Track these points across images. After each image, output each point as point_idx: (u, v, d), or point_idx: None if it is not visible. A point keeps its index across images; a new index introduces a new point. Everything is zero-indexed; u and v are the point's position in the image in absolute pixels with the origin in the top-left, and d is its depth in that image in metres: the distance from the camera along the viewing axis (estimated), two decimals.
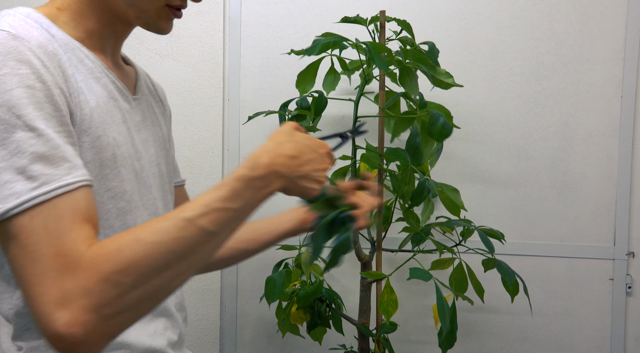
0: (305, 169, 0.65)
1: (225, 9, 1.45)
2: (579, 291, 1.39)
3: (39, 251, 0.50)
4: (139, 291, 0.51)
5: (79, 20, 0.67)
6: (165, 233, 0.52)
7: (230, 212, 0.57)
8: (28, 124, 0.52)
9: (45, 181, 0.51)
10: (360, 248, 1.18)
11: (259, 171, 0.60)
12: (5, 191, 0.51)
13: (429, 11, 1.39)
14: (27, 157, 0.51)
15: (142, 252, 0.51)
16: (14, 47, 0.54)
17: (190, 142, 1.46)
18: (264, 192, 0.61)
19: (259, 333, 1.49)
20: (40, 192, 0.51)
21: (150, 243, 0.51)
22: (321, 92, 1.17)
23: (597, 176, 1.37)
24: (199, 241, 0.54)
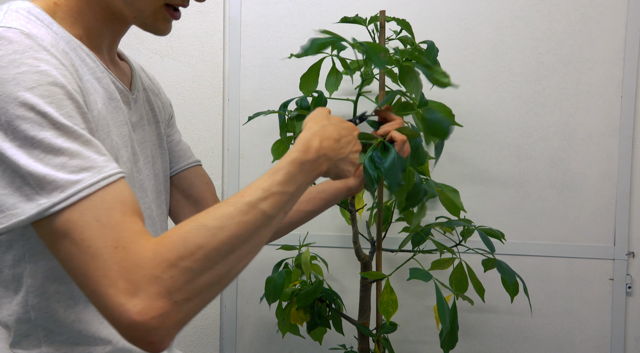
0: (345, 151, 0.70)
1: (225, 9, 1.45)
2: (579, 291, 1.39)
3: (97, 245, 0.48)
4: (206, 276, 0.51)
5: (75, 17, 0.65)
6: (229, 218, 0.53)
7: (287, 195, 0.59)
8: (54, 121, 0.51)
9: (87, 174, 0.50)
10: (360, 248, 1.18)
11: (311, 154, 0.64)
12: (46, 185, 0.49)
13: (429, 11, 1.39)
14: (64, 153, 0.50)
15: (208, 237, 0.51)
16: (29, 45, 0.53)
17: (190, 142, 1.46)
18: (314, 174, 0.65)
19: (259, 333, 1.49)
20: (86, 185, 0.50)
21: (215, 228, 0.52)
22: (321, 92, 1.17)
23: (597, 176, 1.37)
24: (260, 224, 0.55)
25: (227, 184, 1.47)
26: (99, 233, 0.49)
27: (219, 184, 1.47)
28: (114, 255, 0.48)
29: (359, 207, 1.23)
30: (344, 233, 1.43)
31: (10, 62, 0.51)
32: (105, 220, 0.50)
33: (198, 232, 0.51)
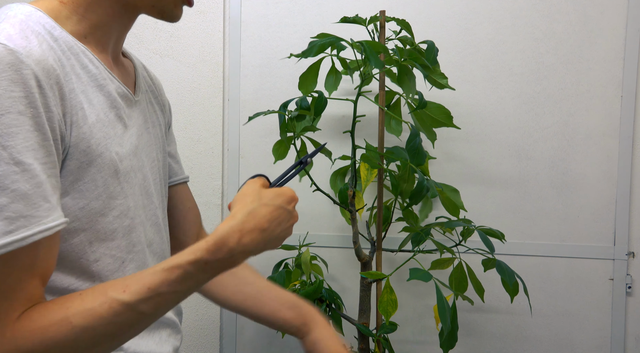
0: (275, 233, 0.61)
1: (225, 9, 1.45)
2: (579, 291, 1.39)
3: None
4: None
5: (83, 13, 0.63)
6: (98, 318, 0.50)
7: (179, 294, 0.54)
8: (14, 156, 0.48)
9: (23, 224, 0.48)
10: (360, 248, 1.18)
11: (222, 254, 0.55)
12: None
13: (428, 11, 1.39)
14: (8, 195, 0.47)
15: (69, 335, 0.49)
16: (10, 64, 0.49)
17: (190, 142, 1.46)
18: (223, 270, 0.56)
19: (259, 333, 1.49)
20: (16, 238, 0.47)
21: (79, 328, 0.49)
22: (321, 92, 1.17)
23: (597, 176, 1.37)
24: (134, 323, 0.52)
25: (227, 184, 1.47)
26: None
27: (219, 184, 1.47)
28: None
29: (359, 207, 1.23)
30: (344, 233, 1.43)
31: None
32: (6, 285, 0.48)
33: (60, 327, 0.49)
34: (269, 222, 0.60)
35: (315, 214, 1.44)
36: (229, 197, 1.47)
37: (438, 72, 1.12)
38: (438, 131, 1.21)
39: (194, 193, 1.49)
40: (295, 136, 1.17)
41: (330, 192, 1.31)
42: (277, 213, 0.61)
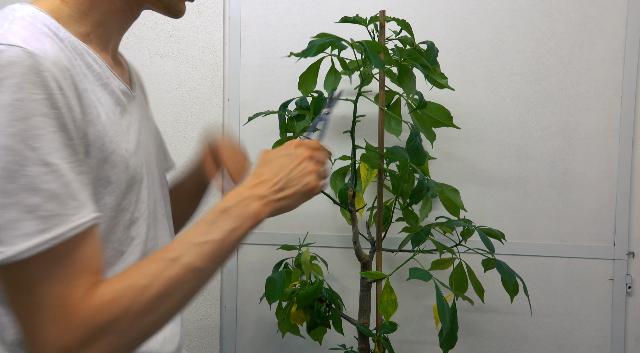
0: (283, 176, 0.66)
1: (225, 9, 1.45)
2: (579, 291, 1.39)
3: (45, 301, 0.50)
4: (133, 333, 0.53)
5: (85, 11, 0.63)
6: (155, 276, 0.54)
7: (212, 244, 0.58)
8: (42, 157, 0.49)
9: (56, 223, 0.50)
10: (360, 248, 1.18)
11: (234, 199, 0.63)
12: (11, 231, 0.48)
13: (428, 11, 1.39)
14: (40, 195, 0.49)
15: (136, 297, 0.53)
16: (30, 67, 0.50)
17: (191, 142, 1.46)
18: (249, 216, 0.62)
19: (259, 333, 1.49)
20: (52, 236, 0.49)
21: (142, 288, 0.53)
22: (321, 92, 1.17)
23: (597, 176, 1.37)
24: (187, 278, 0.56)
25: (227, 184, 1.47)
26: (49, 290, 0.50)
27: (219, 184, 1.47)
28: (57, 313, 0.50)
29: (359, 207, 1.23)
30: (344, 233, 1.43)
31: (9, 86, 0.48)
32: (62, 277, 0.50)
33: (128, 292, 0.53)
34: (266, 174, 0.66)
35: (315, 214, 1.44)
36: None
37: (438, 72, 1.12)
38: (438, 131, 1.21)
39: None
40: (295, 136, 1.17)
41: (330, 192, 1.31)
42: (276, 164, 0.68)
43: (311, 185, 0.68)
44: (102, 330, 0.51)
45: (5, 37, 0.50)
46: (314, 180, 0.69)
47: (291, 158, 0.69)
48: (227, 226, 0.60)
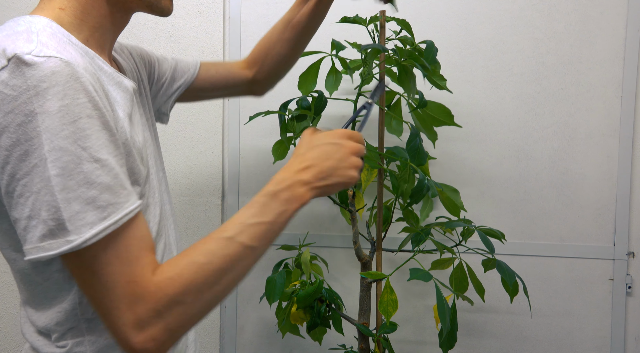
0: (329, 165, 0.70)
1: (225, 9, 1.45)
2: (579, 291, 1.39)
3: (114, 280, 0.56)
4: (197, 305, 0.59)
5: (81, 17, 0.66)
6: (213, 254, 0.60)
7: (265, 225, 0.64)
8: (93, 155, 0.55)
9: (113, 210, 0.56)
10: (360, 248, 1.18)
11: (283, 184, 0.67)
12: (77, 222, 0.54)
13: (428, 11, 1.39)
14: (96, 188, 0.55)
15: (198, 273, 0.59)
16: (70, 75, 0.55)
17: (190, 142, 1.46)
18: (296, 200, 0.67)
19: (259, 333, 1.49)
20: (111, 222, 0.56)
21: (204, 264, 0.59)
22: (321, 92, 1.17)
23: (597, 176, 1.37)
24: (242, 256, 0.62)
25: (227, 184, 1.47)
26: (116, 269, 0.56)
27: (219, 184, 1.47)
28: (126, 289, 0.56)
29: (359, 207, 1.23)
30: (344, 233, 1.43)
31: (55, 95, 0.53)
32: (124, 257, 0.57)
33: (190, 268, 0.59)
34: (315, 158, 0.70)
35: (315, 214, 1.44)
36: (228, 197, 1.47)
37: (437, 73, 1.12)
38: (438, 131, 1.20)
39: (194, 193, 1.50)
40: (295, 136, 1.17)
41: None
42: (324, 149, 0.71)
43: (352, 178, 0.72)
44: (170, 302, 0.57)
45: (41, 50, 0.54)
46: (356, 173, 0.72)
47: (339, 148, 0.72)
48: (276, 209, 0.65)
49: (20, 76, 0.53)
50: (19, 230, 0.56)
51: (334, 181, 0.70)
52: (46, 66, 0.54)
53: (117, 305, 0.56)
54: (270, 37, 1.03)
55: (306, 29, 1.00)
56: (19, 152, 0.53)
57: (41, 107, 0.53)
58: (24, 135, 0.53)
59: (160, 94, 0.97)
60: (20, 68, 0.53)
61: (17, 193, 0.55)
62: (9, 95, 0.53)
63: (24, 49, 0.54)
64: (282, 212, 0.66)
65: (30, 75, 0.53)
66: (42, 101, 0.53)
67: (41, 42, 0.56)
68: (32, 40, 0.56)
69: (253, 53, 1.06)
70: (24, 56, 0.53)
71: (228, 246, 0.61)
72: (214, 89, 1.04)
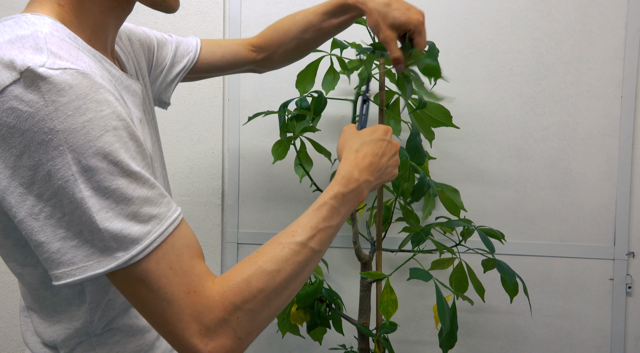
0: (384, 163, 0.74)
1: (225, 9, 1.45)
2: (579, 291, 1.39)
3: (172, 292, 0.53)
4: (266, 312, 0.57)
5: (82, 16, 0.61)
6: (284, 261, 0.58)
7: (332, 229, 0.64)
8: (125, 169, 0.52)
9: (157, 222, 0.53)
10: (360, 248, 1.18)
11: (353, 185, 0.68)
12: (122, 239, 0.51)
13: (429, 11, 1.38)
14: (135, 202, 0.52)
15: (268, 281, 0.56)
16: (88, 86, 0.51)
17: (190, 142, 1.46)
18: (357, 201, 0.68)
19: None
20: (157, 235, 0.53)
21: (274, 272, 0.57)
22: (320, 92, 1.17)
23: (597, 176, 1.37)
24: (310, 260, 0.61)
25: (227, 184, 1.47)
26: (173, 281, 0.53)
27: (219, 184, 1.47)
28: (187, 300, 0.53)
29: (359, 207, 1.23)
30: (344, 233, 1.43)
31: (76, 110, 0.50)
32: (177, 267, 0.54)
33: (259, 277, 0.56)
34: (375, 154, 0.72)
35: None
36: (229, 197, 1.47)
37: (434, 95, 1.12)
38: (437, 131, 1.21)
39: (194, 193, 1.49)
40: (295, 136, 1.17)
41: None
42: (378, 146, 0.74)
43: (395, 176, 0.76)
44: (238, 310, 0.54)
45: (54, 62, 0.50)
46: (397, 171, 0.77)
47: (388, 145, 0.75)
48: (344, 211, 0.66)
49: (36, 91, 0.48)
50: (48, 253, 0.51)
51: (384, 179, 0.74)
52: (63, 79, 0.49)
53: (181, 317, 0.53)
54: (287, 31, 1.01)
55: (329, 36, 1.00)
56: (43, 173, 0.50)
57: (62, 123, 0.49)
58: (45, 155, 0.49)
59: (160, 80, 0.93)
60: (36, 82, 0.49)
61: (44, 215, 0.51)
62: (25, 112, 0.49)
63: (36, 60, 0.50)
64: (347, 213, 0.67)
65: (47, 90, 0.49)
66: (62, 117, 0.49)
67: (52, 52, 0.51)
68: (42, 49, 0.51)
69: (265, 39, 1.03)
70: (37, 69, 0.49)
71: (299, 252, 0.60)
72: (217, 71, 1.02)
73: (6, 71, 0.49)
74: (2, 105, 0.49)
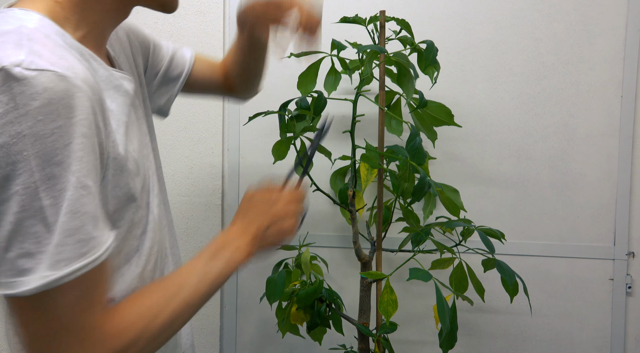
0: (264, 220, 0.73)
1: (225, 8, 1.45)
2: (579, 291, 1.39)
3: (71, 324, 0.51)
4: (150, 348, 0.58)
5: (81, 13, 0.60)
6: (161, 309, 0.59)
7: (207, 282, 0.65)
8: (81, 180, 0.49)
9: (93, 245, 0.51)
10: (360, 248, 1.18)
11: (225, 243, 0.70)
12: (56, 256, 0.48)
13: (428, 11, 1.38)
14: (80, 218, 0.49)
15: (147, 325, 0.57)
16: (64, 91, 0.48)
17: (190, 142, 1.46)
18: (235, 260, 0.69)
19: (259, 333, 1.49)
20: (90, 260, 0.51)
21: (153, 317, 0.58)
22: (320, 92, 1.17)
23: (597, 176, 1.37)
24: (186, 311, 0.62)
25: (227, 184, 1.47)
26: (73, 315, 0.51)
27: (219, 184, 1.47)
28: (81, 336, 0.52)
29: (359, 207, 1.23)
30: (344, 233, 1.43)
31: (47, 115, 0.47)
32: (83, 301, 0.52)
33: (140, 320, 0.57)
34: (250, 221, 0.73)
35: (315, 214, 1.44)
36: (228, 197, 1.47)
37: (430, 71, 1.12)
38: (438, 131, 1.20)
39: (194, 193, 1.49)
40: (295, 136, 1.17)
41: (330, 192, 1.31)
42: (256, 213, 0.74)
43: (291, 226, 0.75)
44: (129, 344, 0.55)
45: (32, 61, 0.48)
46: (293, 222, 0.76)
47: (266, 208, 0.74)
48: (219, 267, 0.67)
49: (7, 92, 0.46)
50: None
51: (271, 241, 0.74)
52: (38, 82, 0.47)
53: (75, 349, 0.51)
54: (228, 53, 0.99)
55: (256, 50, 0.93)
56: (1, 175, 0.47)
57: (30, 128, 0.46)
58: (5, 158, 0.47)
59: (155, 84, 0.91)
60: (8, 83, 0.46)
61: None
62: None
63: (13, 58, 0.47)
64: (225, 270, 0.67)
65: (19, 92, 0.46)
66: (32, 122, 0.46)
67: (32, 51, 0.49)
68: (23, 46, 0.49)
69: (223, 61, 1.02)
70: (12, 70, 0.47)
71: (173, 302, 0.60)
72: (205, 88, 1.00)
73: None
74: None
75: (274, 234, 0.73)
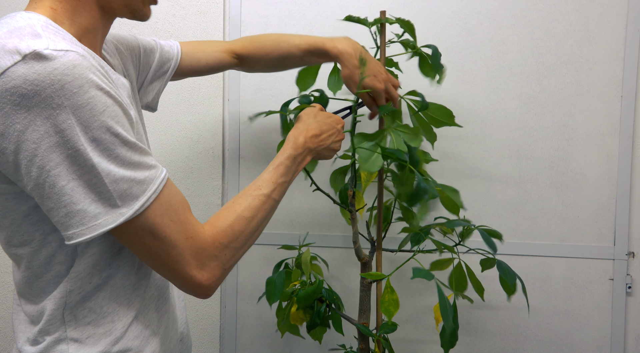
0: (326, 142, 0.95)
1: (225, 9, 1.45)
2: (579, 291, 1.39)
3: (175, 239, 0.66)
4: (244, 249, 0.75)
5: (72, 18, 0.67)
6: (256, 209, 0.76)
7: (287, 183, 0.84)
8: (123, 139, 0.60)
9: (150, 181, 0.63)
10: (360, 248, 1.18)
11: (300, 149, 0.89)
12: (125, 197, 0.61)
13: (429, 11, 1.39)
14: (133, 167, 0.61)
15: (245, 225, 0.74)
16: (88, 67, 0.57)
17: (190, 142, 1.46)
18: (303, 164, 0.90)
19: (259, 333, 1.49)
20: (152, 191, 0.63)
21: (249, 218, 0.75)
22: (322, 91, 1.17)
23: (597, 176, 1.37)
24: (272, 208, 0.80)
25: (227, 184, 1.47)
26: (175, 230, 0.66)
27: (219, 184, 1.47)
28: (187, 244, 0.67)
29: (359, 207, 1.22)
30: (344, 233, 1.43)
31: (80, 87, 0.56)
32: (176, 219, 0.66)
33: (240, 222, 0.74)
34: (321, 131, 0.95)
35: (315, 214, 1.44)
36: (229, 197, 1.47)
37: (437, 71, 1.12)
38: (438, 131, 1.20)
39: (194, 193, 1.49)
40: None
41: (330, 192, 1.31)
42: (327, 127, 0.97)
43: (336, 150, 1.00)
44: (225, 248, 0.71)
45: (56, 44, 0.56)
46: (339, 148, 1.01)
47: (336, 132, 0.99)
48: (294, 170, 0.87)
49: (41, 71, 0.54)
50: (57, 217, 0.59)
51: (323, 154, 0.97)
52: (66, 60, 0.55)
53: (183, 257, 0.66)
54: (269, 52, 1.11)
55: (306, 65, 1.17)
56: (48, 144, 0.56)
57: (69, 100, 0.55)
58: (53, 128, 0.55)
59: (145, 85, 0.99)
60: (41, 63, 0.54)
61: (49, 184, 0.57)
62: (30, 91, 0.54)
63: (39, 44, 0.55)
64: (296, 172, 0.88)
65: (52, 69, 0.54)
66: (69, 94, 0.55)
67: (50, 38, 0.56)
68: (40, 35, 0.57)
69: (248, 52, 1.12)
70: (43, 51, 0.54)
71: (266, 202, 0.78)
72: (199, 74, 1.11)
73: (8, 55, 0.55)
74: (5, 85, 0.54)
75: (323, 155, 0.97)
